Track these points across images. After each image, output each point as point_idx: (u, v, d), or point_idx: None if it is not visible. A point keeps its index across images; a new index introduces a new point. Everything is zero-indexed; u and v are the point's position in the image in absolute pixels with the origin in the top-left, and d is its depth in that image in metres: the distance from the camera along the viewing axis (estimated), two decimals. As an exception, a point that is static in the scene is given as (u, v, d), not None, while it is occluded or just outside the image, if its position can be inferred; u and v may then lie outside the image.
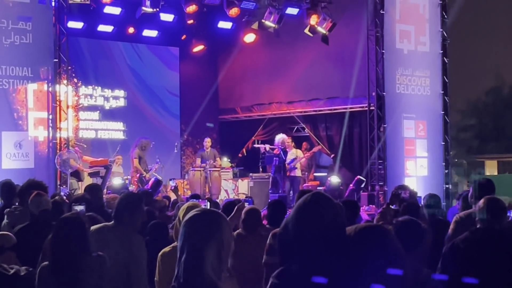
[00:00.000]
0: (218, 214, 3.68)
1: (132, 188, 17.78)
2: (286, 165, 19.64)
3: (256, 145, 20.85)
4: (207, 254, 3.48)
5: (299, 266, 3.32)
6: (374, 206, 17.26)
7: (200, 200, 7.41)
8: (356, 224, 3.49)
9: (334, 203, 3.45)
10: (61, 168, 14.38)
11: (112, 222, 6.41)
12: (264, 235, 7.41)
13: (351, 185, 18.60)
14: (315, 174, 21.39)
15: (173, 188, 12.67)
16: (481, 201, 6.08)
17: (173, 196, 14.35)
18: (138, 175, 18.55)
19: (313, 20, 19.77)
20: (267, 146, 20.17)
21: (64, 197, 9.27)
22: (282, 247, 3.45)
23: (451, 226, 7.36)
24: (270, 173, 19.86)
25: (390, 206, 9.14)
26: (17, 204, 8.44)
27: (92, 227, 6.15)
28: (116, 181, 16.81)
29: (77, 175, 16.53)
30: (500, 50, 46.29)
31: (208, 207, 7.15)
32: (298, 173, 19.88)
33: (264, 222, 8.33)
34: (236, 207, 8.06)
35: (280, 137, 20.04)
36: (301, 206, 3.41)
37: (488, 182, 7.81)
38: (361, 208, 10.96)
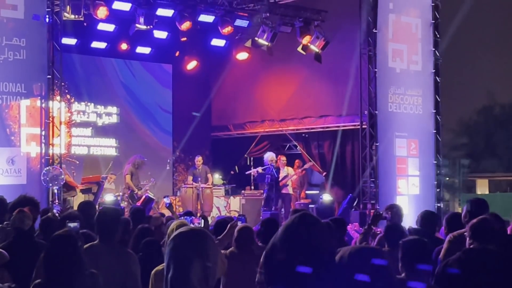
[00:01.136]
0: (203, 232, 3.69)
1: (123, 204, 17.77)
2: (279, 182, 19.67)
3: (248, 172, 20.81)
4: (194, 271, 3.48)
5: (286, 287, 3.32)
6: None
7: (194, 218, 7.39)
8: (350, 246, 3.51)
9: (322, 223, 3.45)
10: (49, 184, 14.32)
11: (97, 241, 6.42)
12: (257, 254, 7.41)
13: (344, 203, 18.62)
14: (307, 192, 21.40)
15: (167, 205, 12.64)
16: (474, 221, 6.10)
17: (167, 213, 14.34)
18: (129, 191, 18.53)
19: (306, 38, 19.85)
20: (259, 169, 20.16)
21: (57, 214, 9.25)
22: (269, 267, 3.45)
23: (445, 246, 7.37)
24: (262, 191, 19.88)
25: (373, 227, 9.19)
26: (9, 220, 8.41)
27: (85, 246, 6.14)
28: (108, 198, 16.79)
29: (69, 190, 16.51)
30: (491, 70, 46.51)
31: (202, 225, 7.16)
32: (289, 190, 19.92)
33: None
34: (229, 225, 8.08)
35: (268, 155, 20.09)
36: (289, 227, 3.41)
37: (482, 202, 7.82)
38: (350, 225, 10.95)
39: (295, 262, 3.30)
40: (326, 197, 19.23)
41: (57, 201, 14.42)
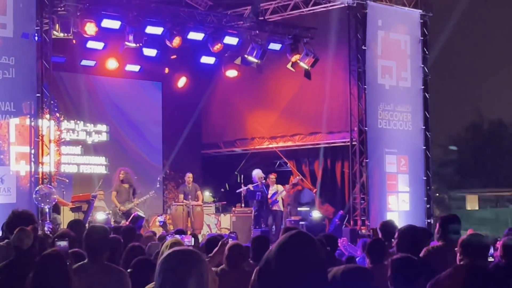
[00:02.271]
0: (196, 252, 3.67)
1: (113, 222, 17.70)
2: (269, 199, 19.66)
3: (238, 190, 20.78)
4: None
5: None
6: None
7: (184, 236, 7.37)
8: (343, 265, 3.51)
9: (316, 242, 3.45)
10: (40, 203, 14.27)
11: (87, 260, 6.38)
12: (248, 271, 7.39)
13: (336, 219, 18.63)
14: (298, 208, 21.38)
15: (161, 223, 12.60)
16: (464, 237, 6.10)
17: (157, 231, 14.31)
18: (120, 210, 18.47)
19: (296, 56, 19.91)
20: (250, 186, 20.14)
21: (48, 232, 9.20)
22: (262, 284, 3.44)
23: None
24: (252, 208, 19.85)
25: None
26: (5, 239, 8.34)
27: (74, 266, 6.11)
28: (99, 216, 16.72)
29: (56, 209, 16.43)
30: (479, 87, 46.74)
31: (193, 243, 7.13)
32: (280, 207, 19.90)
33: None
34: (220, 243, 8.05)
35: (256, 172, 20.09)
36: (283, 244, 3.41)
37: (453, 218, 7.83)
38: (340, 240, 10.91)
39: (289, 279, 3.29)
40: (316, 214, 19.23)
41: (48, 219, 14.36)
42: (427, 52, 19.88)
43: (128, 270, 7.09)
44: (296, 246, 3.36)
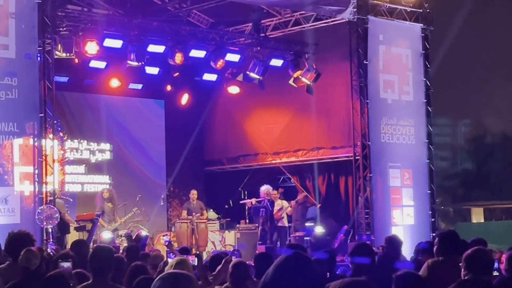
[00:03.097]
0: (186, 275, 3.62)
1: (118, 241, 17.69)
2: (274, 215, 19.64)
3: (242, 201, 20.78)
4: None
5: None
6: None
7: (189, 255, 7.37)
8: (340, 280, 3.50)
9: (311, 262, 3.44)
10: (43, 224, 14.25)
11: (91, 280, 6.37)
12: (252, 289, 7.39)
13: (341, 234, 18.59)
14: (305, 224, 21.33)
15: (167, 243, 12.52)
16: (469, 252, 6.09)
17: (162, 250, 14.27)
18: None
19: (297, 71, 19.96)
20: (253, 200, 20.15)
21: (51, 253, 9.19)
22: None
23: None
24: (257, 224, 19.83)
25: None
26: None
27: (79, 286, 6.10)
28: (105, 235, 16.67)
29: (64, 228, 16.43)
30: (481, 99, 46.74)
31: (196, 263, 7.12)
32: (284, 223, 19.88)
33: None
34: (223, 260, 8.06)
35: (265, 188, 20.08)
36: (278, 266, 3.40)
37: (452, 234, 7.81)
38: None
39: None
40: (319, 230, 19.20)
41: (51, 240, 14.35)
42: (428, 66, 19.90)
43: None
44: (290, 267, 3.35)
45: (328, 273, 8.46)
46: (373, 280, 5.86)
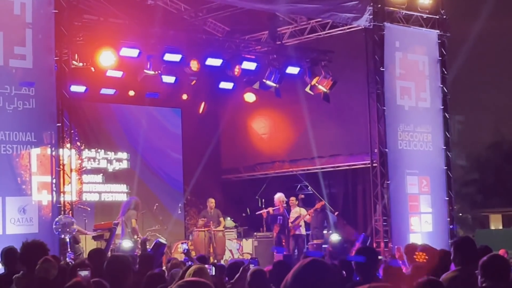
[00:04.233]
0: (202, 283, 3.58)
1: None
2: (290, 223, 19.60)
3: (258, 212, 20.72)
4: None
5: None
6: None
7: (206, 265, 7.36)
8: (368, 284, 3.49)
9: (330, 268, 3.40)
10: (61, 234, 14.27)
11: None
12: (270, 297, 7.37)
13: (357, 242, 18.51)
14: (324, 232, 21.26)
15: (185, 251, 12.47)
16: (485, 259, 6.03)
17: (180, 258, 14.25)
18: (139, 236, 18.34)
19: (314, 79, 19.94)
20: (270, 209, 20.11)
21: (70, 262, 9.20)
22: None
23: None
24: (274, 232, 19.79)
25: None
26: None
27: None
28: (126, 244, 16.65)
29: (75, 239, 16.41)
30: (498, 105, 46.52)
31: (213, 273, 7.10)
32: (302, 231, 19.82)
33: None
34: (241, 269, 8.05)
35: (278, 196, 20.02)
36: (296, 274, 3.37)
37: (468, 240, 7.68)
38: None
39: None
40: (335, 237, 19.14)
41: (69, 249, 14.38)
42: (445, 72, 19.83)
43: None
44: (308, 274, 3.32)
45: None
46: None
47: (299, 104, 21.37)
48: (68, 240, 14.44)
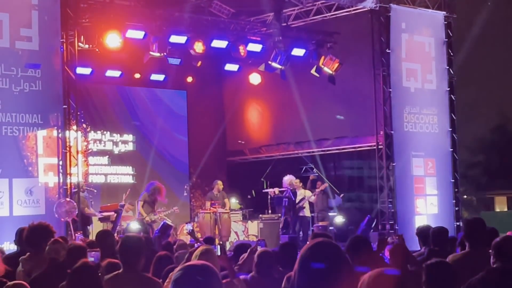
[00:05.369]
0: (207, 267, 3.49)
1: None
2: (296, 205, 19.60)
3: (265, 190, 20.76)
4: None
5: None
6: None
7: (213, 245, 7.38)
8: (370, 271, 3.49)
9: (338, 248, 3.37)
10: (61, 217, 14.28)
11: (122, 269, 6.36)
12: (277, 278, 7.38)
13: (362, 224, 18.53)
14: (329, 214, 21.28)
15: (190, 231, 12.54)
16: (498, 240, 6.04)
17: (186, 239, 14.30)
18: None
19: (319, 61, 19.89)
20: (276, 190, 20.12)
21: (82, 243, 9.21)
22: None
23: None
24: (279, 214, 19.82)
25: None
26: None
27: (106, 276, 6.10)
28: (134, 226, 16.68)
29: (86, 220, 16.47)
30: (503, 88, 46.41)
31: (219, 253, 7.11)
32: (306, 213, 19.84)
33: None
34: (249, 250, 8.06)
35: (288, 178, 20.01)
36: (304, 256, 3.34)
37: (477, 221, 7.73)
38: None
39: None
40: (339, 219, 19.16)
41: (79, 231, 14.44)
42: (452, 54, 19.77)
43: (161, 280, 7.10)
44: (315, 255, 3.30)
45: None
46: None
47: (305, 86, 21.34)
48: (76, 221, 14.48)
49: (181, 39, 18.84)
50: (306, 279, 3.26)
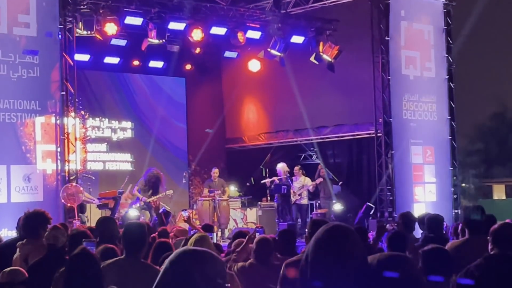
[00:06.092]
0: (206, 253, 3.40)
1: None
2: (292, 192, 19.57)
3: (263, 181, 20.69)
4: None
5: None
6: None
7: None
8: (378, 254, 3.46)
9: (353, 234, 3.34)
10: (67, 202, 14.32)
11: (124, 256, 6.36)
12: (276, 265, 7.37)
13: (360, 212, 18.54)
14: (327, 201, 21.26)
15: (186, 218, 12.56)
16: (496, 227, 6.04)
17: (184, 226, 14.28)
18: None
19: (319, 48, 19.84)
20: (275, 179, 20.08)
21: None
22: (304, 282, 3.34)
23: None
24: (275, 202, 19.80)
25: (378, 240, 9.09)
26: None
27: (105, 262, 6.09)
28: (132, 213, 16.66)
29: (81, 208, 16.45)
30: (502, 75, 46.41)
31: (215, 240, 7.09)
32: (304, 201, 19.82)
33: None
34: (247, 237, 8.05)
35: (281, 166, 19.99)
36: (319, 240, 3.30)
37: (477, 208, 7.74)
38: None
39: (329, 274, 3.21)
40: (337, 207, 19.17)
41: (76, 217, 14.45)
42: (451, 42, 19.75)
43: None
44: (332, 239, 3.27)
45: None
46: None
47: (304, 73, 21.29)
48: (74, 208, 14.49)
49: (179, 26, 18.77)
50: (321, 260, 3.23)
